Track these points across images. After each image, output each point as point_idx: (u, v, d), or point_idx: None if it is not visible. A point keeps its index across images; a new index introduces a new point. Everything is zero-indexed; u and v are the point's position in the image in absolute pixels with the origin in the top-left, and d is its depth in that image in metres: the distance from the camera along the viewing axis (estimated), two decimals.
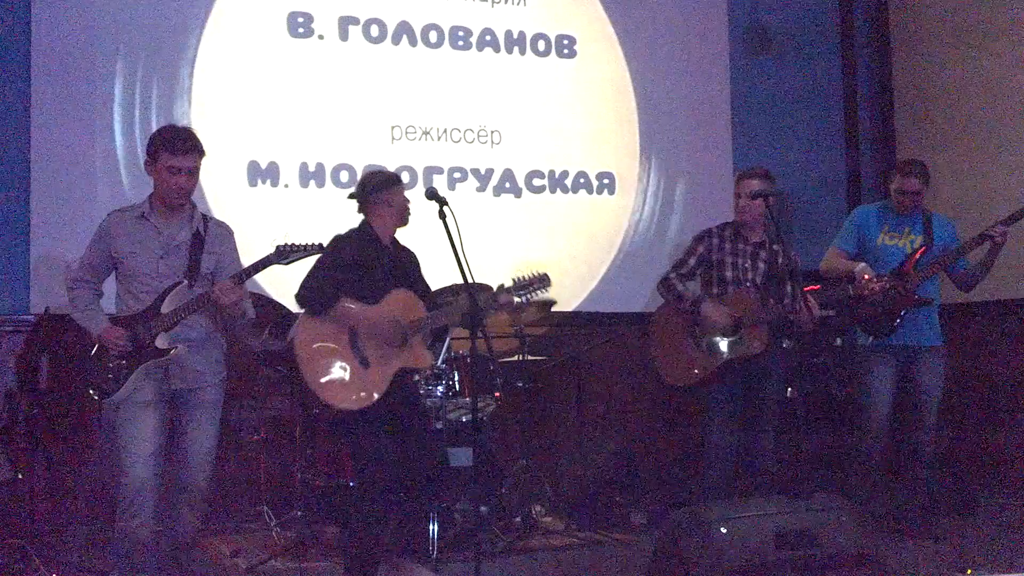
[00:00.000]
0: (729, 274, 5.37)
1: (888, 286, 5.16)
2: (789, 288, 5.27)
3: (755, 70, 7.69)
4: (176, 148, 4.17)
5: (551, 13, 7.15)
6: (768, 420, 5.32)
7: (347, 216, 4.74)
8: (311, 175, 6.47)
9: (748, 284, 5.33)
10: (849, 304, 5.37)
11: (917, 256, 5.42)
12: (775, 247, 5.38)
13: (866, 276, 5.24)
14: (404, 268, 4.67)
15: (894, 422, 5.50)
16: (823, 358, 6.27)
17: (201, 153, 4.25)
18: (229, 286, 4.12)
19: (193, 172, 4.23)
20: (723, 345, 5.25)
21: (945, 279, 5.61)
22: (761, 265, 5.36)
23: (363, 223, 4.61)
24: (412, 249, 4.81)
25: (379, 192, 4.58)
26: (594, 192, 7.16)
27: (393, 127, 6.67)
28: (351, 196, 4.66)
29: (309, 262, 4.42)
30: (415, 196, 4.80)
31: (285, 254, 4.24)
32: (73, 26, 6.04)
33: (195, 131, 4.30)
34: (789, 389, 5.87)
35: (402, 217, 4.65)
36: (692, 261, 5.46)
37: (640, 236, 7.19)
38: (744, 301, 5.27)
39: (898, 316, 5.39)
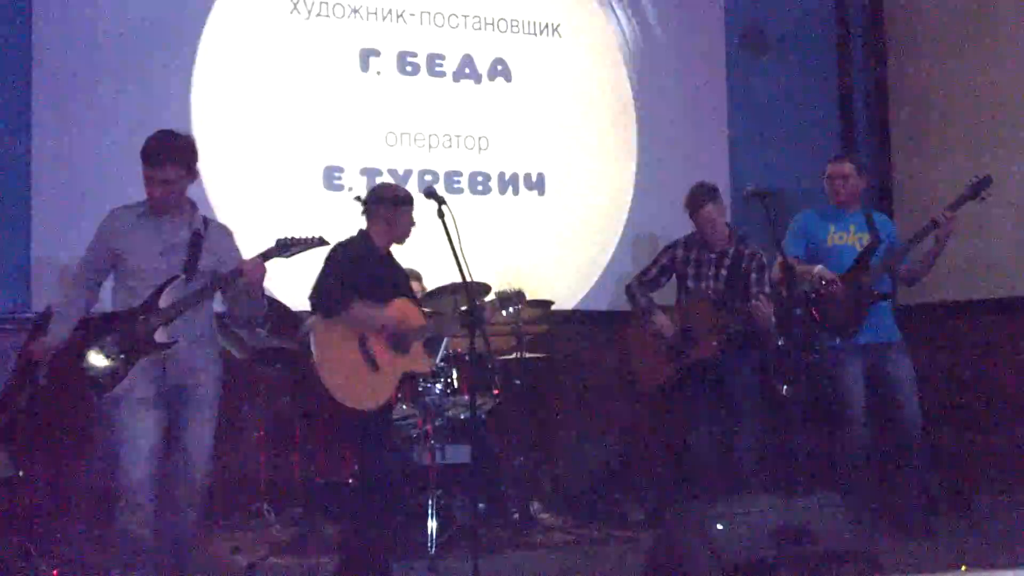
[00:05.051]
0: (691, 284, 5.55)
1: (850, 291, 5.26)
2: (755, 290, 5.36)
3: (751, 71, 7.71)
4: (148, 159, 4.15)
5: (545, 10, 7.18)
6: (742, 418, 5.40)
7: (345, 219, 4.79)
8: (310, 178, 6.50)
9: (709, 291, 5.45)
10: (814, 309, 5.43)
11: (870, 253, 5.48)
12: (741, 248, 5.48)
13: (826, 278, 5.31)
14: (398, 278, 4.79)
15: (879, 422, 5.55)
16: (818, 356, 6.30)
17: (180, 165, 4.18)
18: (257, 263, 4.17)
19: (168, 183, 4.17)
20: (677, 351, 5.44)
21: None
22: (724, 272, 5.48)
23: (362, 232, 4.71)
24: (405, 260, 4.96)
25: (385, 207, 4.68)
26: (591, 192, 7.19)
27: (388, 133, 6.70)
28: (358, 199, 4.74)
29: (307, 259, 4.46)
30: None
31: (286, 247, 4.28)
32: (73, 26, 6.06)
33: (183, 140, 4.24)
34: (785, 387, 5.90)
35: (400, 237, 4.74)
36: (654, 270, 5.70)
37: (637, 235, 7.22)
38: (697, 309, 5.41)
39: (862, 314, 5.43)
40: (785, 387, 5.87)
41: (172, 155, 4.17)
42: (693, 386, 5.46)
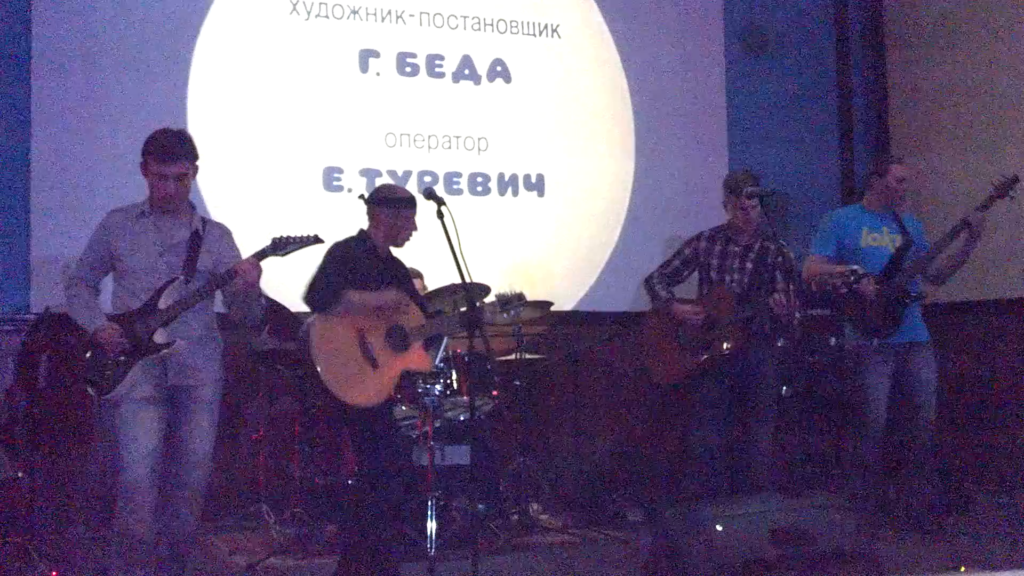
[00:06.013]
0: (715, 275, 5.47)
1: (887, 292, 5.26)
2: (780, 285, 5.33)
3: (751, 70, 7.72)
4: (162, 156, 4.15)
5: (545, 11, 7.18)
6: (761, 420, 5.36)
7: (344, 219, 4.79)
8: (309, 179, 6.50)
9: (733, 284, 5.39)
10: (849, 308, 5.42)
11: (903, 254, 5.47)
12: (767, 244, 5.43)
13: (867, 289, 5.31)
14: (398, 278, 4.77)
15: (893, 420, 5.55)
16: (818, 357, 6.31)
17: (191, 159, 4.21)
18: (253, 262, 4.16)
19: (181, 179, 4.18)
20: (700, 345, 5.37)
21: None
22: (749, 265, 5.42)
23: (362, 231, 4.70)
24: (404, 261, 4.92)
25: (380, 207, 4.66)
26: (590, 193, 7.19)
27: (387, 134, 6.70)
28: (362, 197, 4.75)
29: (307, 260, 4.47)
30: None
31: (281, 246, 4.27)
32: (73, 25, 6.07)
33: (188, 134, 4.26)
34: (784, 388, 5.91)
35: (395, 238, 4.71)
36: (677, 262, 5.61)
37: (636, 236, 7.22)
38: (720, 300, 5.36)
39: (900, 314, 5.42)
40: (784, 387, 5.88)
41: (185, 150, 4.20)
42: (710, 382, 5.38)
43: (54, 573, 4.76)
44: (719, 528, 4.15)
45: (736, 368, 5.34)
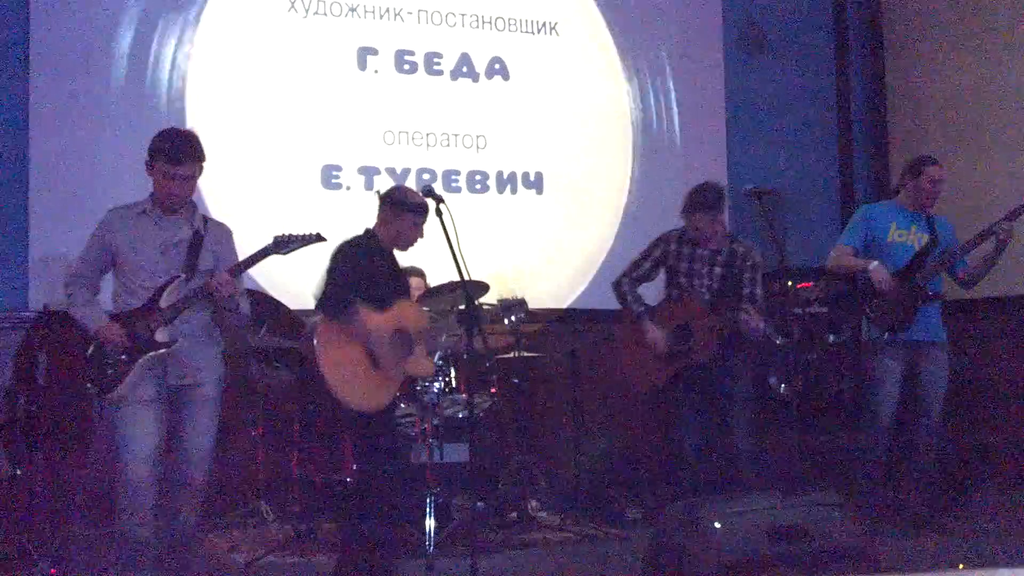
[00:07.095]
0: (683, 280, 5.46)
1: (904, 288, 5.33)
2: (748, 288, 5.33)
3: (749, 71, 7.72)
4: (172, 156, 4.16)
5: (543, 9, 7.19)
6: (736, 422, 5.37)
7: (343, 217, 4.78)
8: (308, 176, 6.51)
9: (703, 290, 5.39)
10: (863, 301, 5.44)
11: (927, 253, 5.48)
12: (735, 247, 5.43)
13: (880, 277, 5.34)
14: (399, 280, 4.77)
15: (898, 418, 5.56)
16: (816, 354, 6.31)
17: (199, 160, 4.23)
18: (226, 278, 4.15)
19: (189, 179, 4.21)
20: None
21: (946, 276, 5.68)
22: (718, 270, 5.42)
23: (368, 230, 4.68)
24: (405, 258, 4.91)
25: (390, 209, 4.64)
26: (589, 191, 7.19)
27: (386, 132, 6.71)
28: (377, 193, 4.74)
29: (307, 258, 4.47)
30: None
31: (283, 244, 4.28)
32: (72, 22, 6.06)
33: (196, 135, 4.27)
34: (783, 386, 5.91)
35: (402, 242, 4.69)
36: (647, 264, 5.60)
37: (634, 234, 7.20)
38: (691, 309, 5.35)
39: (913, 312, 5.43)
40: (783, 386, 5.89)
41: (195, 152, 4.22)
42: (686, 387, 5.40)
43: (53, 571, 4.76)
44: (718, 526, 4.15)
45: (710, 373, 5.34)
